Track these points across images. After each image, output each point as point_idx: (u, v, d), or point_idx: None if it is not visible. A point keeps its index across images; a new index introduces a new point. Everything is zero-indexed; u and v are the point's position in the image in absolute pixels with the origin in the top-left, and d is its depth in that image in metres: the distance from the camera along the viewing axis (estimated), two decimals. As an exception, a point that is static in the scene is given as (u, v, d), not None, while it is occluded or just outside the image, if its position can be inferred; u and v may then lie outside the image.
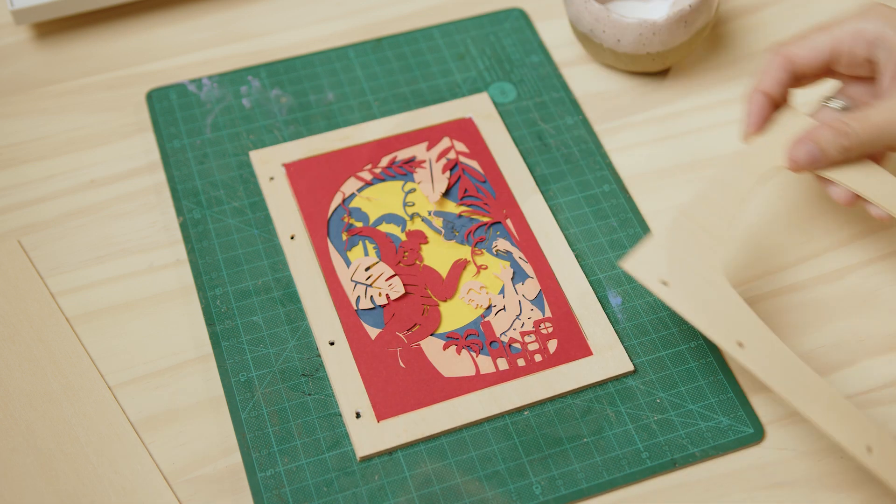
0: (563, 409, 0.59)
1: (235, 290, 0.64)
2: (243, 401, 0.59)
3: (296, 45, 0.77)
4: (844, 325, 0.63)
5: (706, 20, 0.71)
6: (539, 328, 0.62)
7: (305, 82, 0.74)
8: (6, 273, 0.64)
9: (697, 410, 0.59)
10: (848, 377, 0.61)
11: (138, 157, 0.71)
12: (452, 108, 0.72)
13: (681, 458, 0.58)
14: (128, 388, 0.60)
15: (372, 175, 0.69)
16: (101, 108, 0.73)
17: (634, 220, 0.67)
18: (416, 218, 0.67)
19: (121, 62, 0.76)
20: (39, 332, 0.62)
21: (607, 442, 0.58)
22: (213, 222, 0.67)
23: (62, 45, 0.77)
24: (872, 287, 0.65)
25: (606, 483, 0.57)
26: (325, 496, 0.56)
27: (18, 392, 0.59)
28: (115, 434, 0.58)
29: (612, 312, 0.63)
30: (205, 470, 0.57)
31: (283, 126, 0.72)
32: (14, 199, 0.68)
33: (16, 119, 0.73)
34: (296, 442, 0.58)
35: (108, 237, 0.67)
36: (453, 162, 0.69)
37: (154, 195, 0.69)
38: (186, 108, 0.72)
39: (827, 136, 0.57)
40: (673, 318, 0.63)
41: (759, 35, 0.78)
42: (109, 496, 0.56)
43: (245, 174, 0.69)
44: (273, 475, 0.57)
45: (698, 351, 0.61)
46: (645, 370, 0.61)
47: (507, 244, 0.66)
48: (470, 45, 0.77)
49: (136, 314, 0.63)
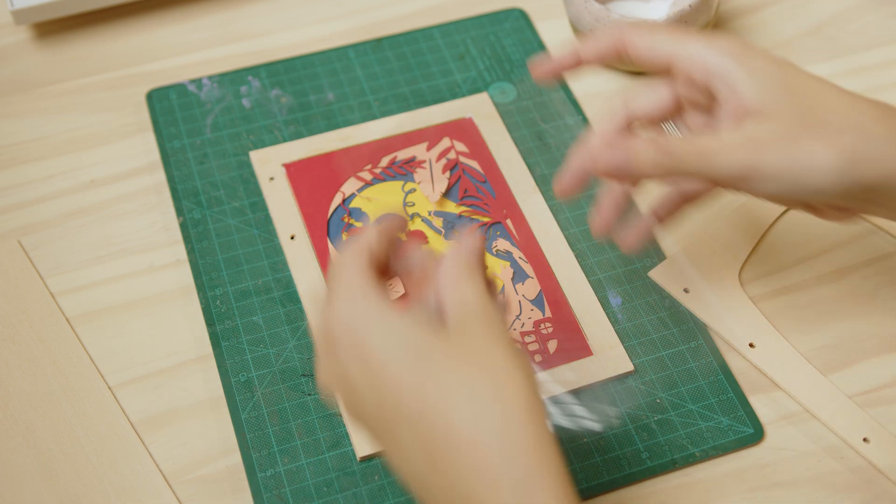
0: (563, 410, 0.59)
1: (235, 291, 0.64)
2: (243, 401, 0.59)
3: (296, 45, 0.77)
4: (844, 325, 0.63)
5: (706, 20, 0.71)
6: (539, 328, 0.62)
7: (305, 82, 0.74)
8: (6, 273, 0.64)
9: (697, 410, 0.59)
10: (848, 377, 0.61)
11: (138, 157, 0.71)
12: (452, 108, 0.72)
13: (681, 458, 0.58)
14: (128, 388, 0.60)
15: (372, 175, 0.69)
16: (101, 108, 0.73)
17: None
18: (416, 218, 0.67)
19: (121, 62, 0.76)
20: (39, 332, 0.62)
21: (607, 442, 0.58)
22: (213, 222, 0.67)
23: (62, 45, 0.77)
24: (872, 287, 0.65)
25: (606, 483, 0.57)
26: (326, 496, 0.56)
27: (18, 392, 0.59)
28: (115, 434, 0.58)
29: (612, 312, 0.63)
30: (205, 470, 0.57)
31: (283, 126, 0.72)
32: (14, 199, 0.68)
33: (16, 119, 0.73)
34: (296, 442, 0.58)
35: (108, 237, 0.67)
36: (453, 162, 0.69)
37: (154, 195, 0.69)
38: (186, 108, 0.72)
39: (646, 150, 0.52)
40: (673, 318, 0.63)
41: (759, 35, 0.78)
42: (109, 496, 0.56)
43: (245, 174, 0.69)
44: (273, 475, 0.57)
45: (698, 351, 0.61)
46: (645, 370, 0.61)
47: (507, 244, 0.66)
48: (470, 45, 0.77)
49: (136, 314, 0.63)
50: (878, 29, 0.78)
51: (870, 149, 0.49)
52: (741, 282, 0.65)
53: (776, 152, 0.49)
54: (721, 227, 0.67)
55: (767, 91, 0.51)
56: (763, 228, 0.67)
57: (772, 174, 0.49)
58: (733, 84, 0.52)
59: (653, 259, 0.65)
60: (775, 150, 0.49)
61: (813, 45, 0.77)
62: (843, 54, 0.77)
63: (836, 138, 0.49)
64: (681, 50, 0.53)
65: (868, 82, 0.75)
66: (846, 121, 0.49)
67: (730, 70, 0.52)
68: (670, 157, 0.51)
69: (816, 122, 0.49)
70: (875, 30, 0.78)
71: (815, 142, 0.49)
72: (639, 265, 0.65)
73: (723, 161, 0.50)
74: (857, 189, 0.49)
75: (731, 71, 0.52)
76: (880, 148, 0.48)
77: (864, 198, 0.50)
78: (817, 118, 0.49)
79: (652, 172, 0.52)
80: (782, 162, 0.49)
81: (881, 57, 0.76)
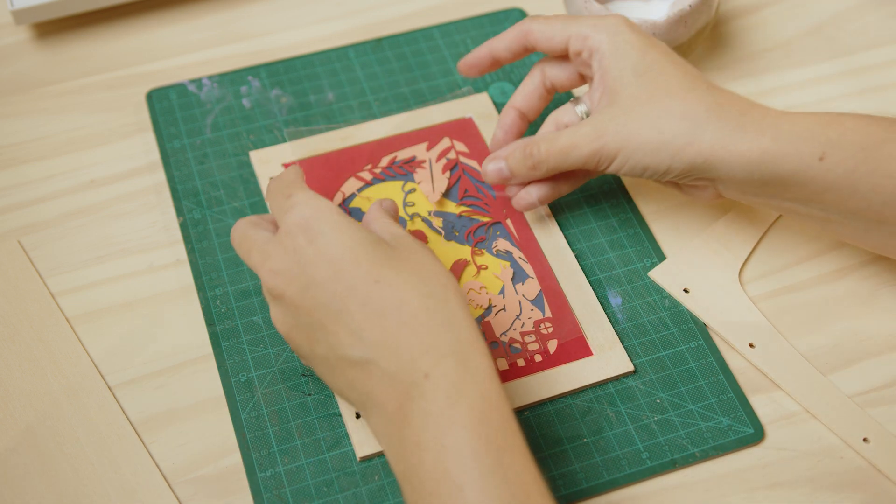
0: (562, 410, 0.59)
1: (235, 291, 0.64)
2: (243, 401, 0.59)
3: (296, 45, 0.77)
4: (844, 325, 0.63)
5: (706, 20, 0.71)
6: (539, 328, 0.62)
7: (305, 82, 0.74)
8: (6, 273, 0.64)
9: (697, 411, 0.59)
10: (848, 377, 0.61)
11: (138, 157, 0.71)
12: (452, 108, 0.72)
13: (681, 459, 0.58)
14: (128, 388, 0.60)
15: (372, 175, 0.69)
16: (101, 108, 0.73)
17: (634, 220, 0.67)
18: (416, 218, 0.67)
19: (121, 62, 0.76)
20: (39, 332, 0.62)
21: (607, 442, 0.58)
22: (213, 222, 0.67)
23: (62, 45, 0.77)
24: (872, 287, 0.65)
25: (606, 483, 0.57)
26: (326, 496, 0.56)
27: (18, 392, 0.59)
28: (115, 434, 0.58)
29: (612, 312, 0.63)
30: (205, 470, 0.57)
31: (283, 126, 0.72)
32: (14, 199, 0.68)
33: (16, 119, 0.73)
34: (296, 442, 0.58)
35: (108, 237, 0.67)
36: (453, 162, 0.69)
37: (154, 195, 0.69)
38: (186, 108, 0.72)
39: (516, 157, 0.61)
40: (673, 318, 0.63)
41: (759, 35, 0.78)
42: (109, 496, 0.56)
43: (245, 174, 0.69)
44: (273, 475, 0.57)
45: (698, 351, 0.61)
46: (645, 370, 0.61)
47: (507, 244, 0.66)
48: (470, 45, 0.77)
49: (136, 314, 0.63)
50: (878, 29, 0.78)
51: (695, 133, 0.56)
52: (741, 282, 0.65)
53: (615, 136, 0.58)
54: (721, 227, 0.67)
55: (623, 73, 0.59)
56: (763, 228, 0.67)
57: (611, 156, 0.58)
58: (602, 61, 0.60)
59: (653, 259, 0.65)
60: (614, 134, 0.58)
61: (813, 45, 0.77)
62: (843, 54, 0.77)
63: (666, 123, 0.57)
64: (573, 30, 0.61)
65: (868, 82, 0.75)
66: (680, 108, 0.57)
67: (603, 50, 0.60)
68: (536, 160, 0.60)
69: (654, 107, 0.57)
70: (875, 30, 0.78)
71: (649, 128, 0.57)
72: (639, 265, 0.65)
73: (578, 155, 0.59)
74: (686, 168, 0.57)
75: (604, 50, 0.60)
76: (701, 134, 0.56)
77: (701, 176, 0.58)
78: (655, 103, 0.57)
79: (529, 176, 0.62)
80: (619, 144, 0.58)
81: (881, 57, 0.76)
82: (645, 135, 0.57)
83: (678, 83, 0.58)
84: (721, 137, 0.56)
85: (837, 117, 0.56)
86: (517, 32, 0.63)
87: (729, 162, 0.56)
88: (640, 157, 0.58)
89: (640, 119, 0.57)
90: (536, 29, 0.63)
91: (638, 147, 0.57)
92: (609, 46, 0.60)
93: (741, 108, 0.57)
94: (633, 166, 0.58)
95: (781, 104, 0.73)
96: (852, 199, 0.56)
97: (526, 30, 0.63)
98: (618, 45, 0.59)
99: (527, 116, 0.66)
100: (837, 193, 0.56)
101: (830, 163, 0.55)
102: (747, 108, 0.57)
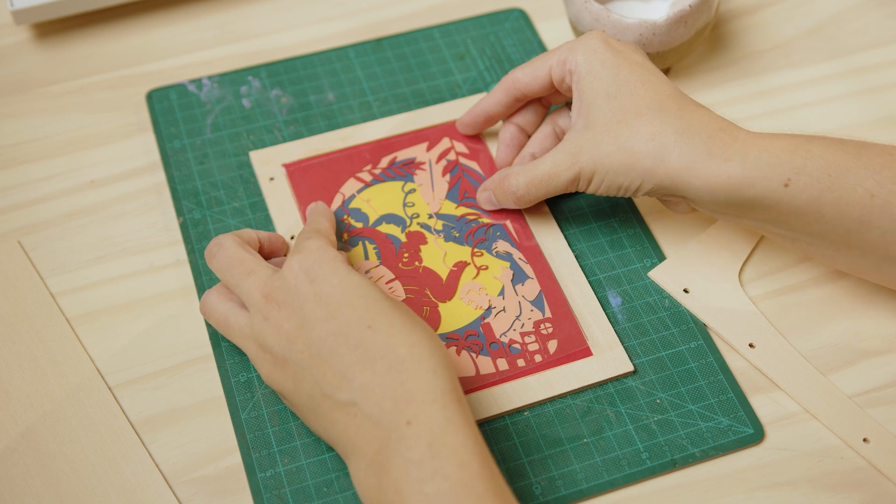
0: (563, 410, 0.59)
1: (235, 291, 0.64)
2: (243, 401, 0.59)
3: (296, 45, 0.77)
4: (844, 325, 0.63)
5: (706, 20, 0.71)
6: (539, 329, 0.62)
7: (305, 82, 0.74)
8: (6, 273, 0.64)
9: (697, 411, 0.59)
10: (848, 377, 0.61)
11: (138, 158, 0.71)
12: (452, 108, 0.72)
13: (681, 459, 0.58)
14: (128, 388, 0.60)
15: (372, 176, 0.69)
16: (101, 108, 0.73)
17: (634, 221, 0.67)
18: (415, 219, 0.67)
19: (121, 62, 0.76)
20: (39, 332, 0.62)
21: (607, 442, 0.58)
22: (213, 223, 0.67)
23: (62, 45, 0.77)
24: (872, 287, 0.65)
25: (606, 483, 0.57)
26: (326, 496, 0.56)
27: (18, 392, 0.59)
28: (115, 434, 0.58)
29: (612, 313, 0.63)
30: (205, 470, 0.57)
31: (283, 126, 0.72)
32: (14, 199, 0.69)
33: (16, 119, 0.73)
34: (296, 442, 0.58)
35: (108, 237, 0.67)
36: (453, 163, 0.69)
37: (154, 195, 0.69)
38: (186, 108, 0.72)
39: (500, 192, 0.64)
40: (673, 319, 0.63)
41: (759, 35, 0.78)
42: (109, 496, 0.56)
43: (245, 174, 0.69)
44: (273, 475, 0.57)
45: (698, 351, 0.61)
46: (645, 370, 0.61)
47: (507, 245, 0.66)
48: (470, 45, 0.77)
49: (136, 314, 0.63)
50: (878, 29, 0.78)
51: (661, 155, 0.58)
52: (741, 282, 0.65)
53: (589, 160, 0.60)
54: (721, 227, 0.67)
55: (596, 95, 0.60)
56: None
57: (588, 177, 0.60)
58: (578, 83, 0.62)
59: (653, 259, 0.65)
60: (588, 158, 0.60)
61: (813, 45, 0.77)
62: (843, 54, 0.77)
63: (636, 144, 0.58)
64: (552, 59, 0.63)
65: (868, 82, 0.75)
66: (648, 130, 0.58)
67: (580, 71, 0.61)
68: (518, 196, 0.63)
69: (623, 129, 0.59)
70: (875, 30, 0.78)
71: (618, 149, 0.59)
72: (639, 265, 0.65)
73: (558, 183, 0.61)
74: (656, 187, 0.59)
75: (581, 72, 0.61)
76: (668, 156, 0.57)
77: (671, 193, 0.59)
78: (624, 126, 0.59)
79: (517, 206, 0.65)
80: (594, 167, 0.60)
81: (881, 57, 0.76)
82: (616, 156, 0.59)
83: (647, 105, 0.59)
84: (687, 162, 0.57)
85: (806, 142, 0.57)
86: (504, 87, 0.66)
87: (695, 185, 0.57)
88: (614, 178, 0.59)
89: (611, 142, 0.59)
90: (520, 74, 0.65)
91: (610, 167, 0.59)
92: (584, 67, 0.61)
93: (710, 131, 0.58)
94: (608, 186, 0.60)
95: (781, 104, 0.73)
96: (817, 223, 0.56)
97: (511, 79, 0.65)
98: (592, 65, 0.61)
99: (526, 130, 0.68)
100: (803, 218, 0.57)
101: (795, 189, 0.56)
102: (716, 131, 0.58)
